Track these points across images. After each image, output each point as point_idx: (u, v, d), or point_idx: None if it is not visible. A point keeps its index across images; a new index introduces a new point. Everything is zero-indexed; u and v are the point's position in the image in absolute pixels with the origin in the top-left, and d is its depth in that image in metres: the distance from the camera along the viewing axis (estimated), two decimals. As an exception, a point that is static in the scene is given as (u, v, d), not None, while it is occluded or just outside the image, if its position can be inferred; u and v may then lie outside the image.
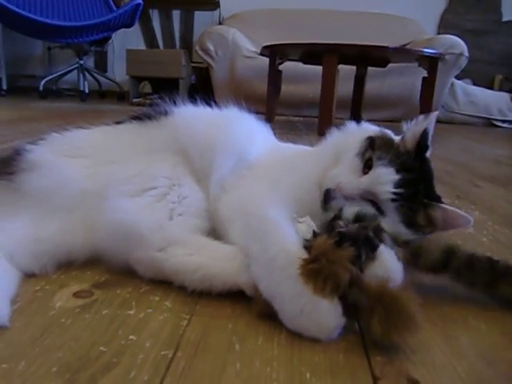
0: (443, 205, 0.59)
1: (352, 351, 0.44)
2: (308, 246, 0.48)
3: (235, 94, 3.64)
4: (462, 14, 4.18)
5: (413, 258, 0.53)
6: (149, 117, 0.67)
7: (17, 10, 2.84)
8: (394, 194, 0.56)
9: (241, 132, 0.66)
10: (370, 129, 0.65)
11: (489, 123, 3.89)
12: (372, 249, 0.48)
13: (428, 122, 0.61)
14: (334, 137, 0.67)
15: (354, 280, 0.45)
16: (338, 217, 0.52)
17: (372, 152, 0.59)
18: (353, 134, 0.64)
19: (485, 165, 1.86)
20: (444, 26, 4.19)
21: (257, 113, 0.72)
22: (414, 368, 0.42)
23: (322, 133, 0.68)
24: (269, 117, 2.87)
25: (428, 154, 0.62)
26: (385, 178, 0.56)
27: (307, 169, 0.62)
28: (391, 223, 0.55)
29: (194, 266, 0.52)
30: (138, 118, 0.68)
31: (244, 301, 0.51)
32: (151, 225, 0.54)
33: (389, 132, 0.66)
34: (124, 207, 0.55)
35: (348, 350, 0.44)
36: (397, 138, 0.65)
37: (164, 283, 0.54)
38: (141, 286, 0.54)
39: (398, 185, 0.56)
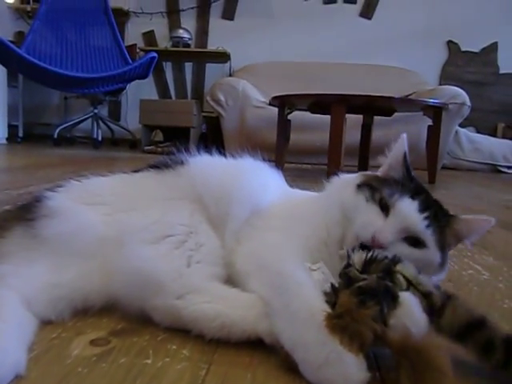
0: (463, 216, 0.59)
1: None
2: (329, 302, 0.48)
3: (245, 143, 3.76)
4: (461, 66, 4.37)
5: (432, 313, 0.50)
6: (165, 165, 0.69)
7: (38, 62, 3.00)
8: (425, 218, 0.56)
9: (255, 182, 0.67)
10: (350, 177, 0.66)
11: (494, 169, 3.96)
12: (393, 299, 0.47)
13: (403, 145, 0.63)
14: (330, 190, 0.67)
15: (378, 337, 0.45)
16: (349, 264, 0.52)
17: (379, 192, 0.59)
18: (342, 188, 0.64)
19: (494, 210, 1.86)
20: (445, 78, 4.36)
21: (266, 161, 0.73)
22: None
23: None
24: (278, 164, 2.92)
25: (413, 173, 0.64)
26: (410, 208, 0.56)
27: (315, 221, 0.61)
28: (432, 254, 0.55)
29: (212, 314, 0.51)
30: (155, 166, 0.70)
31: (262, 349, 0.50)
32: (170, 272, 0.54)
33: (365, 172, 0.67)
34: (142, 254, 0.55)
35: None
36: (378, 173, 0.66)
37: (181, 331, 0.53)
38: (158, 334, 0.53)
39: (421, 209, 0.56)
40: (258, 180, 0.69)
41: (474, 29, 4.30)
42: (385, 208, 0.58)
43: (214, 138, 4.16)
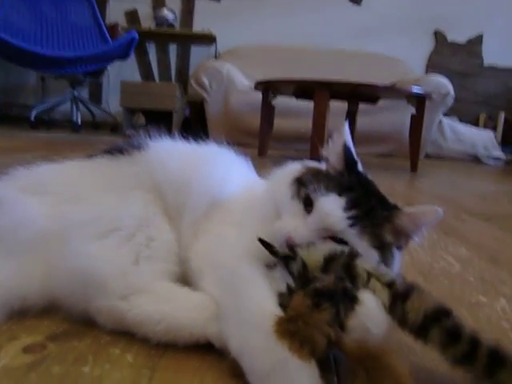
0: (406, 209, 0.53)
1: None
2: (283, 304, 0.45)
3: (229, 128, 3.72)
4: (447, 56, 4.42)
5: (392, 306, 0.46)
6: (121, 151, 0.64)
7: (11, 40, 2.87)
8: (349, 218, 0.50)
9: (216, 172, 0.63)
10: (293, 169, 0.60)
11: (475, 159, 4.04)
12: (351, 301, 0.44)
13: (343, 135, 0.57)
14: (273, 182, 0.61)
15: (332, 343, 0.42)
16: (306, 266, 0.48)
17: (305, 188, 0.54)
18: (280, 180, 0.58)
19: (471, 200, 1.87)
20: (431, 67, 4.39)
21: (250, 147, 0.69)
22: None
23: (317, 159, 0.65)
24: (261, 151, 2.88)
25: (360, 167, 0.58)
26: (331, 206, 0.51)
27: (263, 215, 0.57)
28: (362, 252, 0.49)
29: (158, 316, 0.47)
30: (110, 152, 0.65)
31: (214, 352, 0.47)
32: (114, 271, 0.50)
33: (311, 162, 0.61)
34: (84, 251, 0.51)
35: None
36: (321, 165, 0.60)
37: (127, 333, 0.49)
38: (102, 337, 0.49)
39: (347, 207, 0.51)
40: (220, 169, 0.64)
41: (460, 20, 4.34)
42: (310, 205, 0.53)
43: (197, 123, 4.09)
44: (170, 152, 0.65)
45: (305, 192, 0.54)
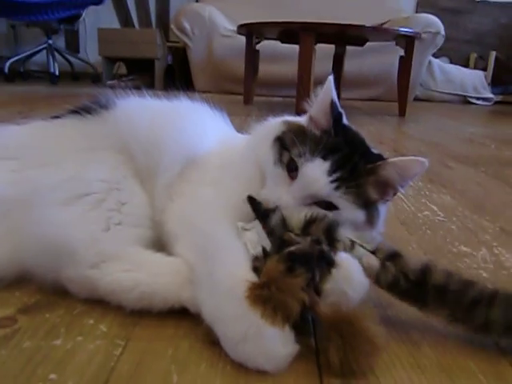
0: (390, 159, 0.52)
1: (305, 375, 0.40)
2: (258, 268, 0.44)
3: (213, 75, 3.58)
4: None
5: (383, 267, 0.46)
6: (89, 111, 0.60)
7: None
8: (333, 181, 0.49)
9: (189, 129, 0.60)
10: (274, 125, 0.57)
11: (464, 100, 3.99)
12: (328, 264, 0.43)
13: (329, 91, 0.54)
14: (253, 139, 0.59)
15: (306, 308, 0.41)
16: (285, 220, 0.47)
17: (288, 152, 0.52)
18: (262, 138, 0.56)
19: (458, 144, 1.86)
20: (422, 5, 4.21)
21: (236, 94, 0.65)
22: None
23: (299, 113, 0.61)
24: (247, 98, 2.80)
25: (344, 120, 0.56)
26: (315, 173, 0.50)
27: (243, 174, 0.55)
28: (348, 214, 0.50)
29: (130, 284, 0.46)
30: (76, 112, 0.61)
31: (189, 318, 0.46)
32: (83, 238, 0.48)
33: (292, 118, 0.59)
34: (52, 218, 0.49)
35: (301, 375, 0.40)
36: (302, 120, 0.58)
37: (102, 301, 0.48)
38: (75, 307, 0.48)
39: (332, 171, 0.50)
40: (193, 126, 0.61)
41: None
42: (294, 170, 0.51)
43: (181, 70, 3.92)
44: (138, 109, 0.61)
45: (288, 156, 0.52)
